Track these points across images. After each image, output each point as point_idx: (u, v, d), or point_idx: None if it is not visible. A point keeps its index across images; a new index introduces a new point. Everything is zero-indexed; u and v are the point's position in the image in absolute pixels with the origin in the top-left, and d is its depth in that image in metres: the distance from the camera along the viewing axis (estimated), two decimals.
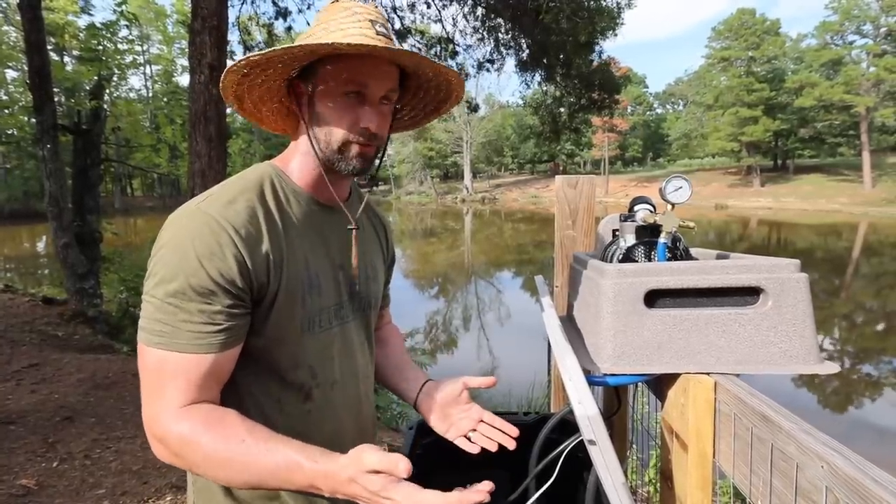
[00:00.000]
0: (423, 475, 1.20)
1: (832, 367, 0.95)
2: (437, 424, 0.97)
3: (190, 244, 0.72)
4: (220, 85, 0.85)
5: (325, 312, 0.88)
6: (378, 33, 0.81)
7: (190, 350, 0.72)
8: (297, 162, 0.89)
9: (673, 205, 1.11)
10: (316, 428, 0.88)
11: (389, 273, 1.18)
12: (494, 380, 0.95)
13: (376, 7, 0.87)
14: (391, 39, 0.83)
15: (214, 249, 0.72)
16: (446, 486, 1.30)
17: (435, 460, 1.18)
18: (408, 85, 0.92)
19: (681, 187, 1.10)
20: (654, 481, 2.72)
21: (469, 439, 0.93)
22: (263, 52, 0.77)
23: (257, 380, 0.83)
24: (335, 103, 0.83)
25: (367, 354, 1.01)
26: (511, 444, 0.90)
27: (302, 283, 0.83)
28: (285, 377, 0.84)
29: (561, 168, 58.38)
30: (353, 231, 0.93)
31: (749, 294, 0.98)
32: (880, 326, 9.60)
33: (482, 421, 0.94)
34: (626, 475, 0.84)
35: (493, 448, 0.91)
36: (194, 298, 0.71)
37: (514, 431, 0.91)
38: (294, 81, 0.87)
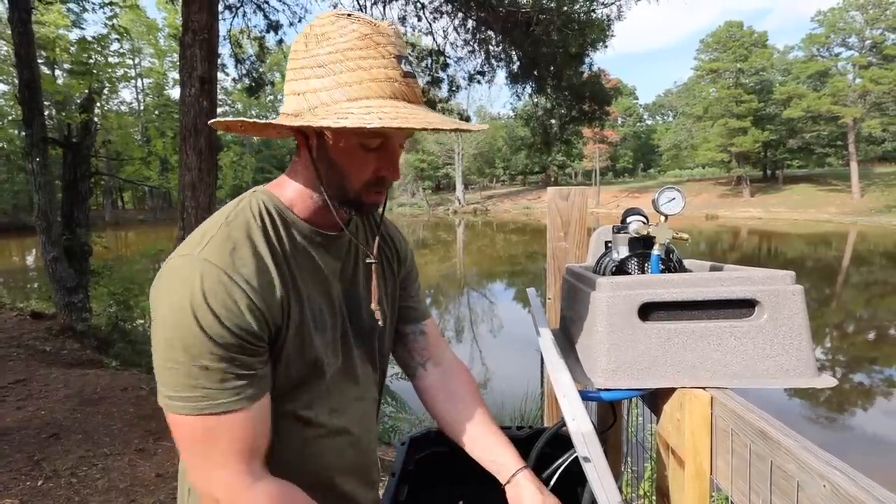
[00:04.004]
0: (417, 491, 1.17)
1: (829, 381, 0.93)
2: None
3: (202, 302, 0.67)
4: (221, 122, 0.79)
5: (328, 347, 0.84)
6: (405, 74, 0.72)
7: (232, 408, 0.69)
8: (296, 191, 0.81)
9: (666, 216, 1.10)
10: (314, 457, 0.85)
11: (414, 285, 1.12)
12: None
13: (392, 24, 0.75)
14: (414, 75, 0.75)
15: (230, 305, 0.68)
16: (439, 501, 1.28)
17: (428, 476, 1.16)
18: None
19: (674, 198, 1.09)
20: (648, 494, 2.69)
21: None
22: (281, 121, 0.73)
23: None
24: (353, 152, 0.75)
25: (370, 382, 0.97)
26: None
27: (309, 321, 0.80)
28: (284, 409, 0.80)
29: (552, 179, 58.70)
30: (373, 265, 0.89)
31: (744, 307, 0.97)
32: (871, 335, 9.65)
33: None
34: (621, 491, 0.82)
35: None
36: (222, 356, 0.68)
37: None
38: None
